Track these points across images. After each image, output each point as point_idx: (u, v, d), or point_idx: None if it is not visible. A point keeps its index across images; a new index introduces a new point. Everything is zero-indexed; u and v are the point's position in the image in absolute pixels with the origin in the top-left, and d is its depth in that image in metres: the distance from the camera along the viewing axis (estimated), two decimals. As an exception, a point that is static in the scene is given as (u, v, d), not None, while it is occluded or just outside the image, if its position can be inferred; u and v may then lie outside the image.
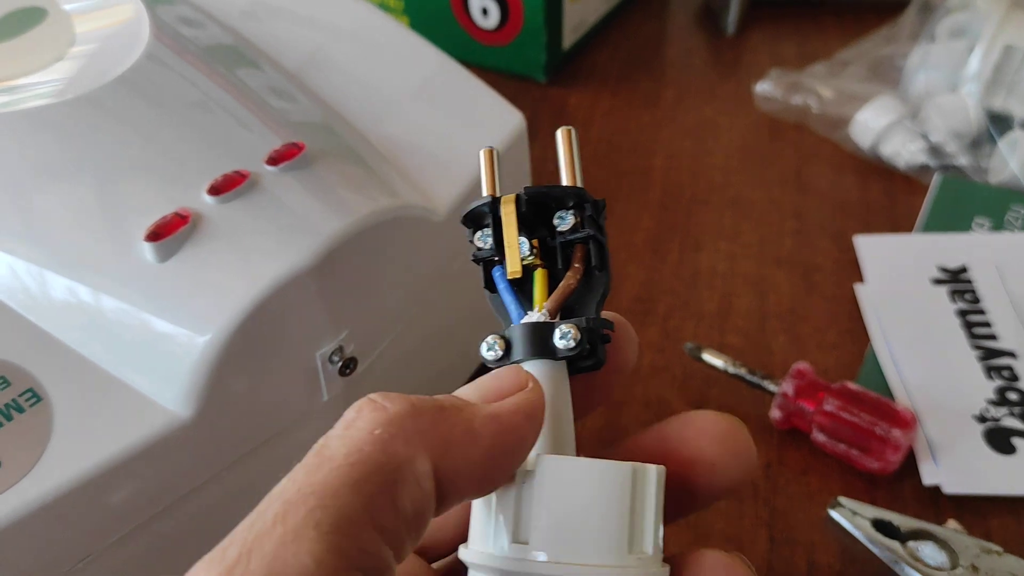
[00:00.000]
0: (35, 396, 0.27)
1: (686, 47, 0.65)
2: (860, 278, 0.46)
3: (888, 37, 0.59)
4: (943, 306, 0.44)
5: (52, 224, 0.29)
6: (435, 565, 0.23)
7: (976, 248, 0.47)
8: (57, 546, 0.26)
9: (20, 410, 0.27)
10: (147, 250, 0.28)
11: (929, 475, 0.37)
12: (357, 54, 0.40)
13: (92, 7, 0.37)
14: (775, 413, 0.39)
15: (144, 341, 0.28)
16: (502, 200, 0.23)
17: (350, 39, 0.41)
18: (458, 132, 0.38)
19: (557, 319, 0.22)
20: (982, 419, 0.39)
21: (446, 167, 0.36)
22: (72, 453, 0.26)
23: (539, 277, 0.22)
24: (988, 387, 0.40)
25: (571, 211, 0.23)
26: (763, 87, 0.57)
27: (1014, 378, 0.40)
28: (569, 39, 0.61)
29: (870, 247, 0.48)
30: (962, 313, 0.43)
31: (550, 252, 0.23)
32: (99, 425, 0.27)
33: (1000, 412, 0.39)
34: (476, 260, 0.23)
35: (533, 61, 0.60)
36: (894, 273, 0.46)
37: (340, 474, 0.17)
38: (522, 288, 0.23)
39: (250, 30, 0.40)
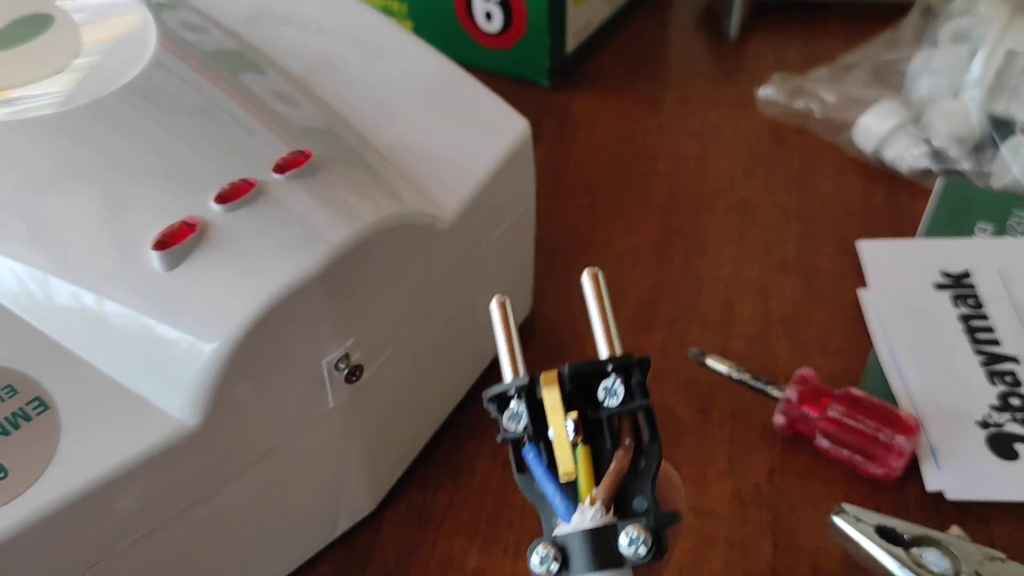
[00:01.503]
0: (42, 404, 0.27)
1: (689, 51, 0.65)
2: (863, 283, 0.46)
3: (890, 41, 0.59)
4: (946, 311, 0.44)
5: (60, 232, 0.29)
6: None
7: (978, 253, 0.47)
8: (64, 555, 0.27)
9: (27, 419, 0.27)
10: (155, 258, 0.28)
11: (932, 481, 0.37)
12: (362, 60, 0.41)
13: (98, 14, 0.37)
14: (779, 419, 0.39)
15: (151, 349, 0.28)
16: (542, 380, 0.20)
17: (354, 44, 0.41)
18: (463, 139, 0.38)
19: (611, 514, 0.19)
20: (985, 425, 0.39)
21: (451, 174, 0.37)
22: (79, 461, 0.26)
23: (584, 458, 0.20)
24: (991, 393, 0.40)
25: (616, 378, 0.20)
26: (766, 91, 0.57)
27: (1016, 384, 0.40)
28: (572, 43, 0.61)
29: (873, 252, 0.48)
30: (965, 318, 0.44)
31: (590, 425, 0.20)
32: (106, 433, 0.27)
33: (1003, 418, 0.39)
34: (503, 441, 0.21)
35: (536, 65, 0.60)
36: (897, 278, 0.46)
37: None
38: (552, 460, 0.20)
39: (254, 36, 0.41)
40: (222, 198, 0.30)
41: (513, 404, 0.20)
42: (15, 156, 0.31)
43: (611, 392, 0.20)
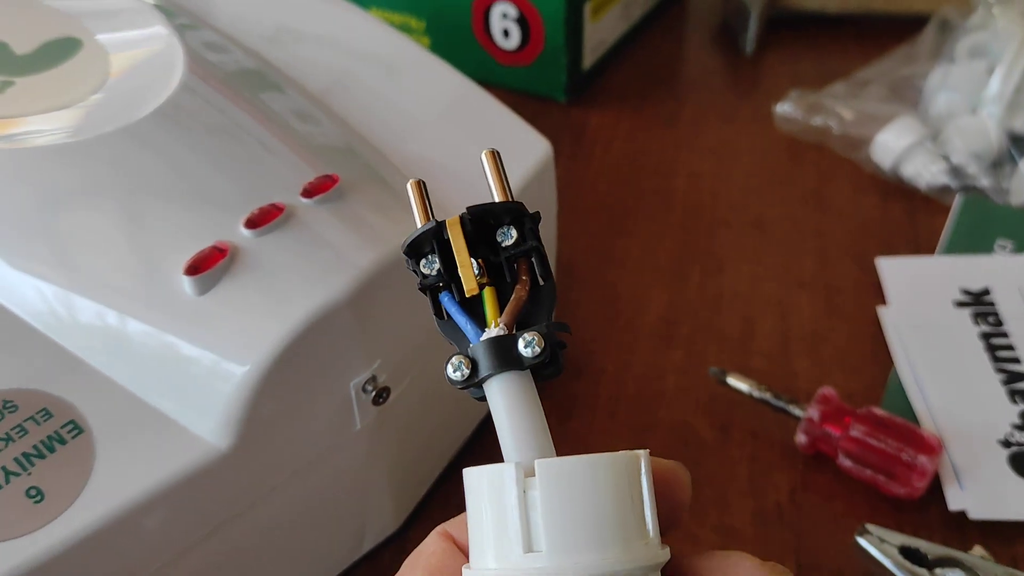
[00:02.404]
0: (77, 428, 0.28)
1: (705, 67, 0.65)
2: (882, 300, 0.46)
3: (907, 57, 0.60)
4: (966, 329, 0.44)
5: (94, 257, 0.30)
6: None
7: (998, 270, 0.47)
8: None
9: (62, 442, 0.27)
10: (186, 283, 0.29)
11: (955, 500, 0.37)
12: (381, 78, 0.41)
13: (125, 37, 0.38)
14: (800, 438, 0.39)
15: (183, 372, 0.28)
16: (447, 223, 0.23)
17: (373, 63, 0.41)
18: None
19: (515, 331, 0.22)
20: (1007, 444, 0.39)
21: (472, 194, 0.37)
22: (114, 484, 0.27)
23: (489, 295, 0.23)
24: (1012, 411, 0.40)
25: (511, 227, 0.24)
26: (783, 107, 0.58)
27: (1038, 402, 0.40)
28: (589, 59, 0.61)
29: (893, 269, 0.48)
30: (985, 336, 0.44)
31: (493, 269, 0.24)
32: (139, 456, 0.27)
33: (1025, 437, 0.39)
34: (422, 288, 0.24)
35: (554, 82, 0.60)
36: (917, 296, 0.46)
37: None
38: (472, 310, 0.23)
39: (273, 55, 0.41)
40: (252, 223, 0.30)
41: (428, 256, 0.24)
42: (48, 180, 0.32)
43: (506, 236, 0.24)
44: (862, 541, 0.35)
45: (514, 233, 0.24)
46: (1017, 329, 0.44)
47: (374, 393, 0.31)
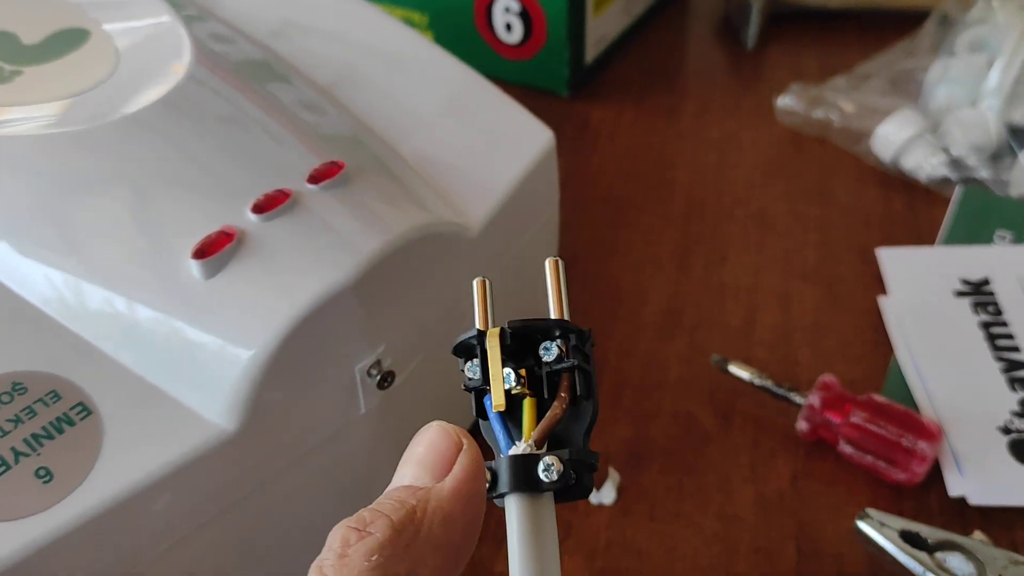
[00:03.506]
0: (85, 410, 0.28)
1: (707, 61, 0.65)
2: (883, 291, 0.47)
3: (907, 50, 0.60)
4: (966, 318, 0.44)
5: (103, 241, 0.30)
6: None
7: (998, 260, 0.47)
8: (105, 557, 0.27)
9: (71, 423, 0.28)
10: (194, 267, 0.29)
11: (955, 486, 0.38)
12: (386, 70, 0.41)
13: (133, 27, 0.38)
14: (801, 425, 0.39)
15: (190, 355, 0.29)
16: (488, 334, 0.23)
17: (379, 55, 0.42)
18: (488, 148, 0.39)
19: (543, 450, 0.22)
20: (1006, 431, 0.39)
21: (477, 184, 0.37)
22: (122, 466, 0.27)
23: (528, 407, 0.23)
24: (1012, 399, 0.41)
25: (556, 341, 0.23)
26: (784, 101, 0.58)
27: (1038, 390, 0.41)
28: (592, 53, 0.61)
29: (893, 260, 0.48)
30: (985, 325, 0.44)
31: (537, 381, 0.23)
32: (147, 438, 0.28)
33: (1024, 424, 0.40)
34: (467, 389, 0.24)
35: (556, 75, 0.60)
36: (917, 285, 0.46)
37: None
38: (513, 417, 0.23)
39: (279, 47, 0.41)
40: (258, 208, 0.30)
41: (473, 360, 0.24)
42: (56, 168, 0.32)
43: (547, 351, 0.23)
44: (863, 526, 0.36)
45: (556, 349, 0.23)
46: (1016, 318, 0.44)
47: (379, 377, 0.32)
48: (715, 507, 0.38)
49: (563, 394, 0.23)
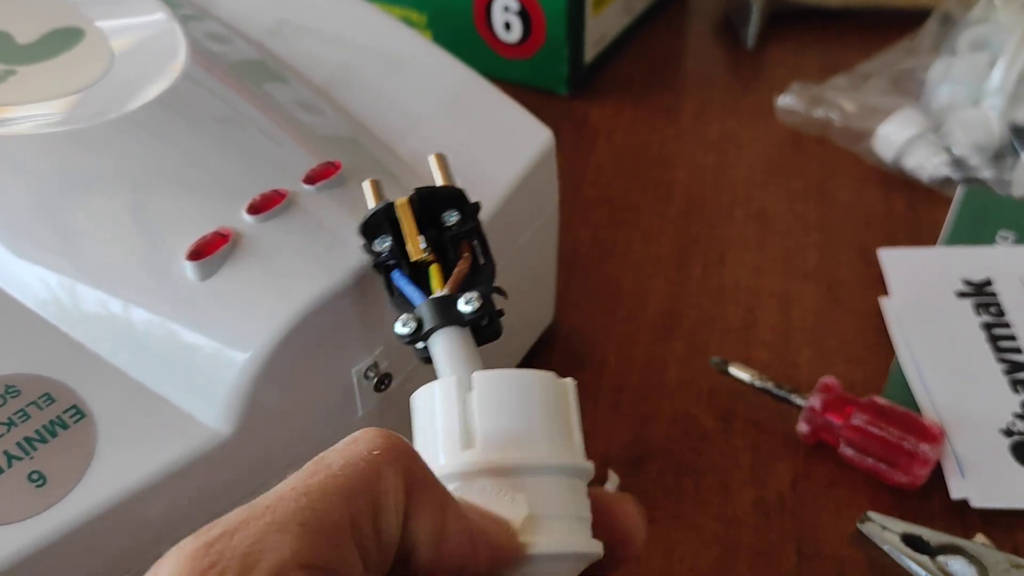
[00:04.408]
0: (79, 413, 0.28)
1: (707, 60, 0.65)
2: (884, 291, 0.46)
3: (909, 49, 0.60)
4: (968, 319, 0.44)
5: (96, 242, 0.30)
6: None
7: (1000, 261, 0.47)
8: (99, 562, 0.27)
9: (64, 426, 0.27)
10: (189, 268, 0.29)
11: (957, 489, 0.37)
12: (384, 70, 0.41)
13: (127, 26, 0.38)
14: (802, 427, 0.39)
15: (185, 358, 0.29)
16: (396, 203, 0.27)
17: (376, 55, 0.41)
18: (487, 148, 0.38)
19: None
20: (1009, 433, 0.39)
21: (476, 183, 0.37)
22: (116, 469, 0.27)
23: (435, 271, 0.26)
24: (1014, 401, 0.40)
25: (453, 210, 0.27)
26: (785, 100, 0.58)
27: (1041, 392, 0.40)
28: (591, 52, 0.61)
29: (894, 260, 0.48)
30: (987, 326, 0.44)
31: (439, 249, 0.27)
32: (141, 441, 0.28)
33: (1027, 426, 0.39)
34: (377, 266, 0.27)
35: (555, 75, 0.60)
36: (919, 286, 0.46)
37: (334, 482, 0.18)
38: (420, 285, 0.26)
39: (276, 47, 0.41)
40: (254, 209, 0.30)
41: (380, 236, 0.27)
42: (50, 168, 0.32)
43: (451, 215, 0.27)
44: (864, 529, 0.35)
45: (456, 215, 0.27)
46: (1018, 319, 0.44)
47: (376, 380, 0.31)
48: (715, 509, 0.38)
49: (466, 254, 0.27)
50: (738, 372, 0.41)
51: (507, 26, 0.59)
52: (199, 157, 0.32)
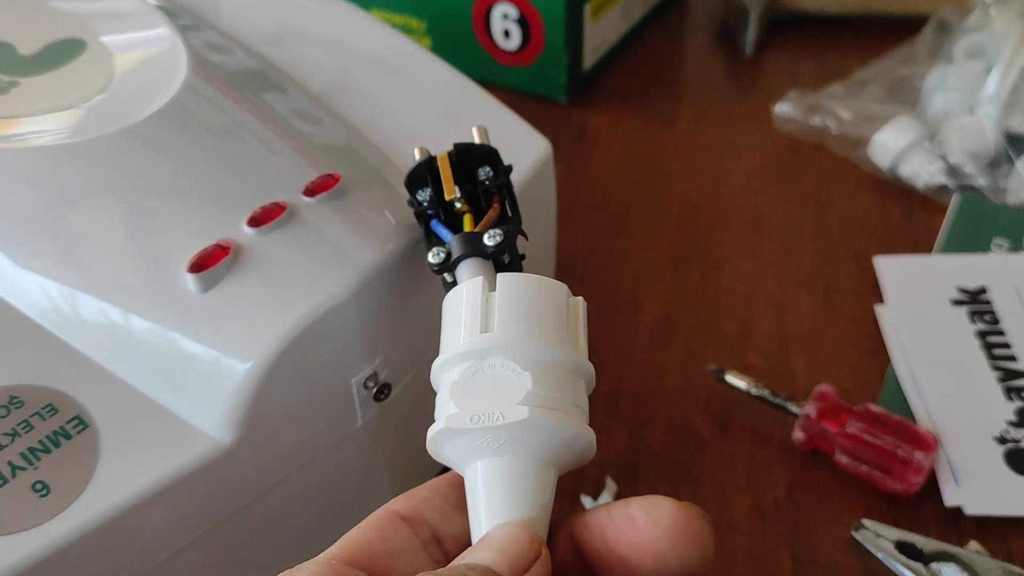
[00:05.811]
0: (82, 423, 0.28)
1: (705, 67, 0.65)
2: (880, 299, 0.47)
3: (905, 57, 0.60)
4: (963, 327, 0.44)
5: (99, 253, 0.30)
6: None
7: (995, 269, 0.47)
8: (103, 570, 0.27)
9: (68, 437, 0.28)
10: (190, 281, 0.29)
11: (951, 496, 0.38)
12: (381, 79, 0.41)
13: (129, 38, 0.38)
14: (798, 434, 0.39)
15: (186, 369, 0.29)
16: (438, 156, 0.30)
17: (374, 64, 0.42)
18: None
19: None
20: (1002, 440, 0.39)
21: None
22: (119, 479, 0.27)
23: (468, 220, 0.29)
24: (1008, 408, 0.41)
25: (487, 167, 0.30)
26: (782, 108, 0.58)
27: (1034, 400, 0.41)
28: (589, 60, 0.61)
29: (890, 268, 0.48)
30: (982, 334, 0.44)
31: (473, 202, 0.30)
32: (144, 451, 0.28)
33: (1020, 434, 0.40)
34: (418, 215, 0.30)
35: (554, 82, 0.60)
36: (914, 294, 0.47)
37: None
38: (453, 231, 0.29)
39: (274, 55, 0.41)
40: (254, 221, 0.30)
41: (422, 189, 0.30)
42: (54, 180, 0.32)
43: (485, 171, 0.30)
44: (858, 536, 0.36)
45: (490, 170, 0.30)
46: (1013, 327, 0.44)
47: (375, 390, 0.32)
48: (711, 516, 0.38)
49: (496, 205, 0.30)
50: (735, 380, 0.41)
51: (506, 33, 0.59)
52: (200, 169, 0.33)
